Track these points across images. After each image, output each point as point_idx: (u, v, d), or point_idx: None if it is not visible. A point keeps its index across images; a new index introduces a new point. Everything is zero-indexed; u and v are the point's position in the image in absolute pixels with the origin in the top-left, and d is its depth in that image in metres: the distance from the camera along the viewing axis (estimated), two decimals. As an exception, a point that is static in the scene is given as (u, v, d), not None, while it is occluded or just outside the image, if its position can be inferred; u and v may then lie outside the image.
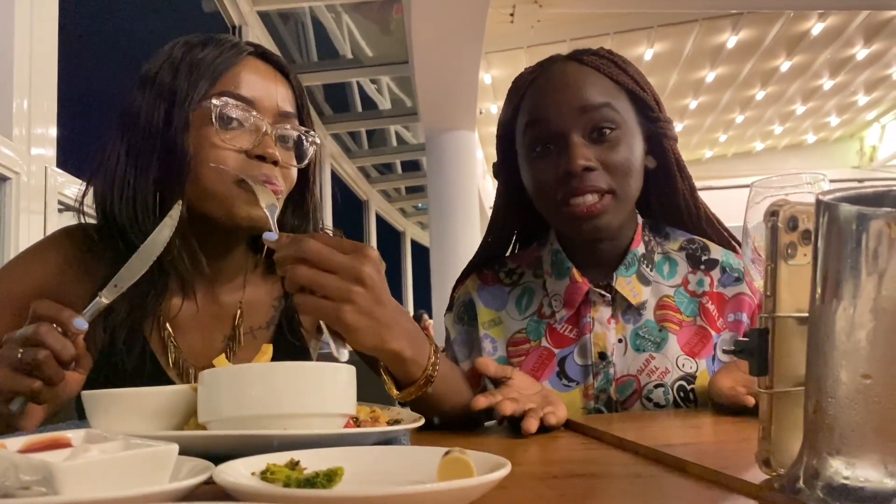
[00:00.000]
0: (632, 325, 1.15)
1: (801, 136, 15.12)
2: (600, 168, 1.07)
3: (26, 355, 0.74)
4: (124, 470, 0.46)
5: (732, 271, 1.17)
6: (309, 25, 6.72)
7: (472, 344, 1.23)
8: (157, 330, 1.04)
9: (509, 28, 7.17)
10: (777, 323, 0.57)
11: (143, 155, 0.96)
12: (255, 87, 0.99)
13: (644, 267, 1.16)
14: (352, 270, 0.76)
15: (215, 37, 1.02)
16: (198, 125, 0.96)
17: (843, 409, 0.47)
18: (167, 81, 0.97)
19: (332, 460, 0.55)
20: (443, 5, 5.04)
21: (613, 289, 1.15)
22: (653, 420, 1.00)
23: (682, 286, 1.18)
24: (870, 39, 9.67)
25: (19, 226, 2.25)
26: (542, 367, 1.16)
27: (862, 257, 0.46)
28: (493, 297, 1.24)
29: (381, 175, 11.03)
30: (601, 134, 1.08)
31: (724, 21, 8.45)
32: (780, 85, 11.21)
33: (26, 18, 2.32)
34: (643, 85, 1.14)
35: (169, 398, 0.72)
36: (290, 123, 1.02)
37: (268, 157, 0.96)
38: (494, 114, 10.35)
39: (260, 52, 1.04)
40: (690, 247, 1.21)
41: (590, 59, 1.14)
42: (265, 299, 1.13)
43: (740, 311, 1.15)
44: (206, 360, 1.04)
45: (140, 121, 0.97)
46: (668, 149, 1.16)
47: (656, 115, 1.15)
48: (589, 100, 1.08)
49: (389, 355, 0.83)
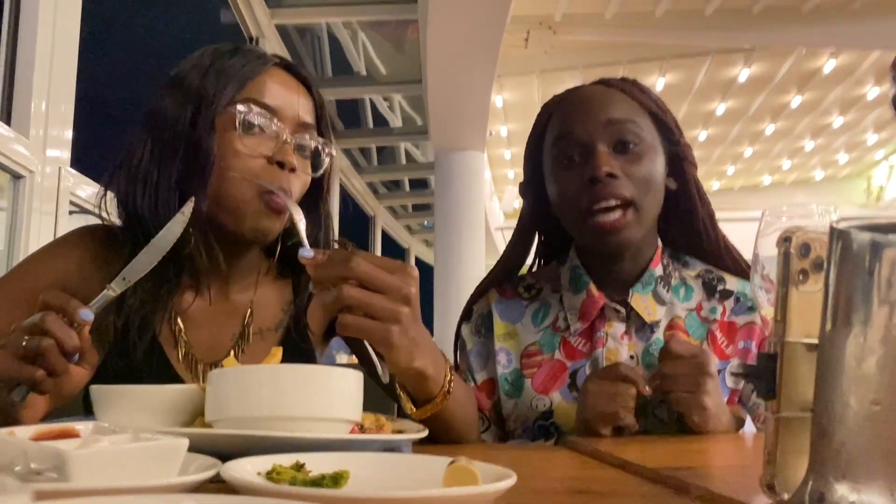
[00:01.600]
0: (644, 343, 1.16)
1: (810, 173, 15.14)
2: (623, 177, 1.10)
3: (30, 343, 0.75)
4: (135, 461, 0.47)
5: (746, 300, 1.18)
6: (325, 41, 6.78)
7: (487, 356, 1.24)
8: (167, 323, 1.05)
9: (523, 52, 7.22)
10: (786, 348, 0.57)
11: (167, 155, 0.99)
12: (279, 97, 1.02)
13: (661, 287, 1.17)
14: (400, 291, 0.77)
15: (243, 47, 1.06)
16: (221, 129, 0.98)
17: (852, 434, 0.47)
18: (195, 85, 1.00)
19: (337, 464, 0.56)
20: (459, 27, 5.09)
21: (629, 305, 1.16)
22: (655, 442, 1.00)
23: (695, 311, 1.19)
24: (881, 79, 9.70)
25: (30, 224, 2.26)
26: (553, 378, 1.17)
27: (874, 285, 0.47)
28: (510, 310, 1.26)
29: (389, 191, 11.06)
30: (625, 146, 1.11)
31: (736, 55, 8.50)
32: (789, 120, 11.24)
33: (49, 24, 2.35)
34: (664, 109, 1.18)
35: (176, 396, 0.73)
36: (309, 133, 1.05)
37: (286, 164, 0.99)
38: (504, 136, 10.40)
39: (285, 64, 1.07)
40: (707, 276, 1.22)
41: (615, 82, 1.19)
42: (275, 302, 1.14)
43: (750, 339, 1.16)
44: (215, 356, 1.05)
45: (167, 122, 1.00)
46: (688, 172, 1.19)
47: (677, 139, 1.19)
48: (614, 114, 1.13)
49: (415, 373, 0.84)
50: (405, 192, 11.39)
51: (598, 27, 6.94)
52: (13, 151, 2.17)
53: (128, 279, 0.83)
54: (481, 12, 4.94)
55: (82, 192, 2.49)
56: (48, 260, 1.06)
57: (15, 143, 2.18)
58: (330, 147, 1.08)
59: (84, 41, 2.52)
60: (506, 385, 1.20)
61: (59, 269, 1.04)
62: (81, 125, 2.56)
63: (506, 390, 1.19)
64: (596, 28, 6.97)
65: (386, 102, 8.30)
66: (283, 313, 1.14)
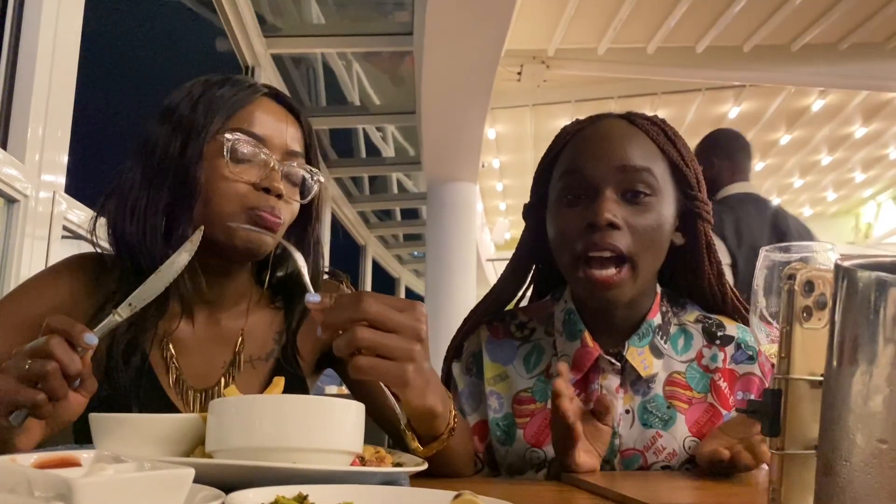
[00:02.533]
0: (640, 398, 1.12)
1: (798, 209, 15.24)
2: (625, 229, 1.05)
3: (34, 366, 0.74)
4: (141, 491, 0.46)
5: (747, 349, 1.14)
6: (320, 71, 6.84)
7: (479, 397, 1.20)
8: (158, 348, 1.06)
9: (516, 86, 7.30)
10: (790, 385, 0.58)
11: (156, 182, 1.02)
12: (267, 126, 1.04)
13: (658, 338, 1.13)
14: (413, 329, 0.77)
15: (233, 77, 1.08)
16: (210, 157, 1.01)
17: (858, 472, 0.47)
18: (185, 115, 1.03)
19: (341, 496, 0.55)
20: (454, 60, 5.14)
21: (624, 358, 1.12)
22: (658, 480, 0.99)
23: (695, 360, 1.14)
24: (868, 119, 9.85)
25: (23, 249, 2.25)
26: (547, 429, 1.12)
27: (880, 324, 0.47)
28: (501, 351, 1.21)
29: (381, 221, 11.08)
30: (635, 196, 1.06)
31: (727, 92, 8.61)
32: (779, 157, 11.35)
33: (48, 49, 2.36)
34: (688, 160, 1.12)
35: (177, 425, 0.72)
36: (296, 161, 1.08)
37: (273, 189, 1.02)
38: (497, 168, 10.46)
39: (274, 94, 1.10)
40: (706, 321, 1.18)
41: (640, 122, 1.13)
42: (266, 331, 1.15)
43: (749, 391, 1.12)
44: (206, 382, 1.07)
45: (157, 150, 1.02)
46: (700, 230, 1.14)
47: (695, 194, 1.13)
48: (630, 160, 1.07)
49: (425, 411, 0.84)
50: (397, 221, 11.41)
51: (591, 62, 7.03)
52: (8, 175, 2.16)
53: (134, 305, 0.83)
54: (476, 46, 5.00)
55: (75, 217, 2.49)
56: (41, 288, 1.07)
57: (10, 168, 2.18)
58: (318, 175, 1.10)
59: (82, 67, 2.53)
60: (497, 431, 1.15)
61: (51, 296, 1.05)
62: (78, 151, 2.56)
63: (497, 436, 1.15)
64: (588, 63, 7.06)
65: (379, 133, 8.35)
66: (274, 343, 1.14)
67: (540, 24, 6.35)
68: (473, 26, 4.74)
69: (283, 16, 5.56)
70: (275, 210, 1.02)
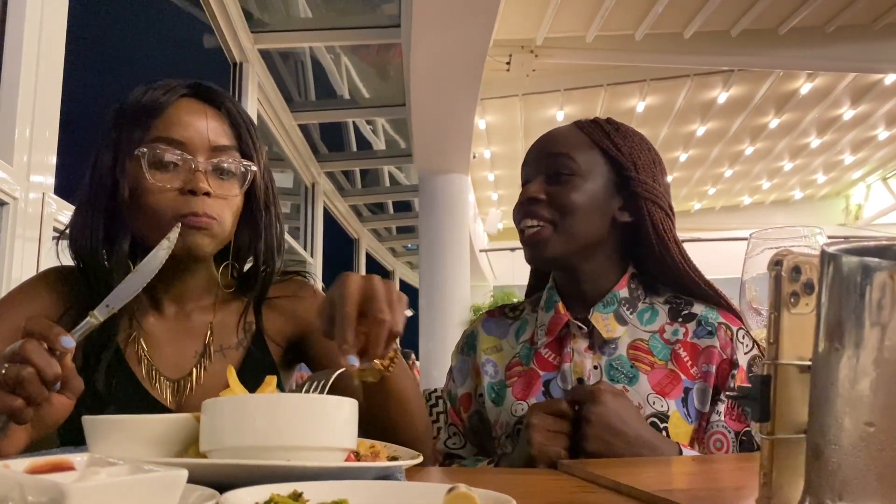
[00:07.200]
0: (606, 357, 1.23)
1: (789, 192, 15.33)
2: (546, 201, 1.23)
3: (9, 372, 0.73)
4: (135, 493, 0.46)
5: (707, 325, 1.23)
6: (308, 65, 6.81)
7: (467, 372, 1.37)
8: (131, 343, 1.10)
9: (505, 76, 7.30)
10: (779, 370, 0.58)
11: (95, 195, 1.07)
12: (186, 128, 1.07)
13: (623, 308, 1.25)
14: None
15: (154, 84, 1.11)
16: (134, 172, 1.05)
17: (847, 455, 0.47)
18: (109, 132, 1.08)
19: (336, 492, 0.56)
20: (442, 51, 5.14)
21: (590, 322, 1.24)
22: (648, 465, 1.00)
23: (657, 333, 1.24)
24: (857, 101, 9.89)
25: (14, 251, 2.25)
26: (529, 387, 1.26)
27: (865, 308, 0.47)
28: (496, 327, 1.39)
29: (373, 214, 11.07)
30: (557, 176, 1.25)
31: (715, 77, 8.64)
32: (768, 141, 11.40)
33: (33, 50, 2.35)
34: (621, 147, 1.27)
35: (170, 425, 0.72)
36: (225, 155, 1.09)
37: (197, 190, 1.04)
38: (488, 158, 10.46)
39: (194, 91, 1.11)
40: (675, 301, 1.28)
41: (583, 124, 1.31)
42: (234, 322, 1.18)
43: (710, 363, 1.20)
44: (179, 372, 1.11)
45: (95, 168, 1.08)
46: (642, 207, 1.24)
47: (629, 175, 1.25)
48: (553, 149, 1.27)
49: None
50: (389, 214, 11.41)
51: (579, 50, 7.04)
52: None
53: (111, 306, 0.84)
54: (464, 37, 5.00)
55: (65, 218, 2.48)
56: (17, 303, 1.10)
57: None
58: (246, 164, 1.11)
59: (69, 66, 2.52)
60: (492, 394, 1.30)
61: (27, 311, 1.07)
62: (66, 151, 2.55)
63: (492, 398, 1.30)
64: (577, 51, 7.07)
65: (369, 126, 8.33)
66: (243, 332, 1.18)
67: (528, 13, 6.34)
68: (461, 17, 4.73)
69: (269, 10, 5.53)
70: (205, 209, 1.04)
